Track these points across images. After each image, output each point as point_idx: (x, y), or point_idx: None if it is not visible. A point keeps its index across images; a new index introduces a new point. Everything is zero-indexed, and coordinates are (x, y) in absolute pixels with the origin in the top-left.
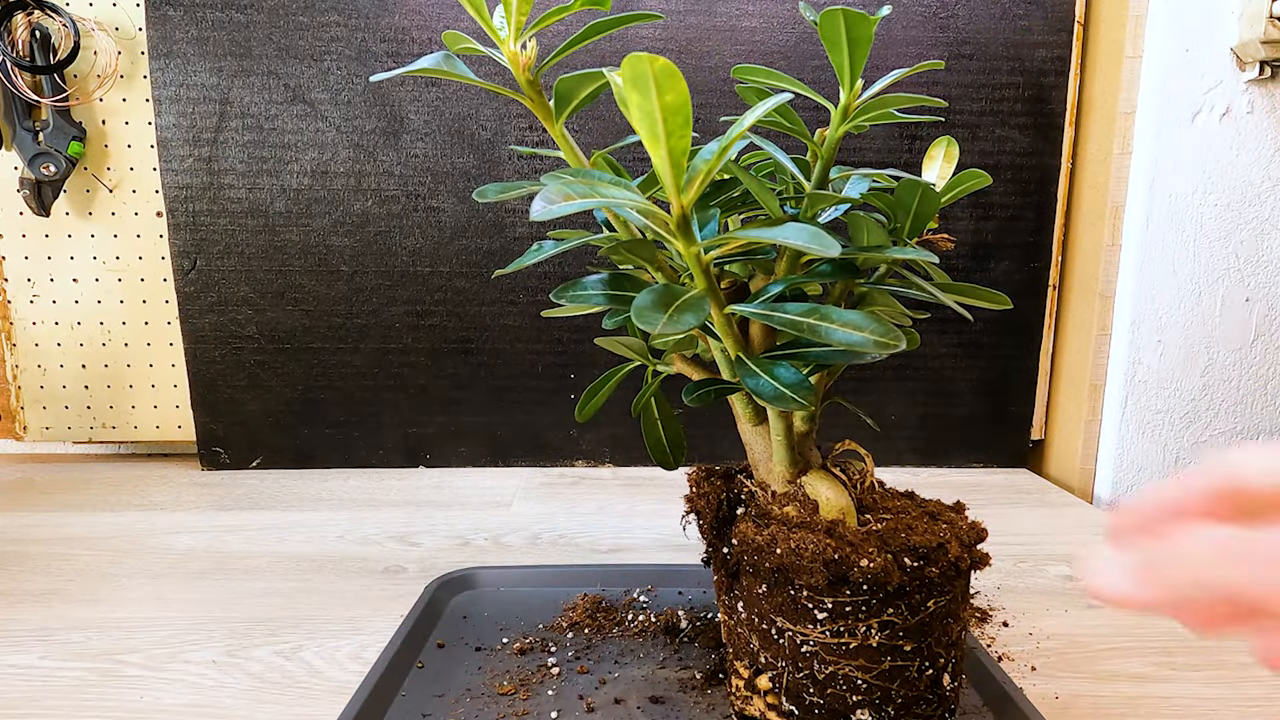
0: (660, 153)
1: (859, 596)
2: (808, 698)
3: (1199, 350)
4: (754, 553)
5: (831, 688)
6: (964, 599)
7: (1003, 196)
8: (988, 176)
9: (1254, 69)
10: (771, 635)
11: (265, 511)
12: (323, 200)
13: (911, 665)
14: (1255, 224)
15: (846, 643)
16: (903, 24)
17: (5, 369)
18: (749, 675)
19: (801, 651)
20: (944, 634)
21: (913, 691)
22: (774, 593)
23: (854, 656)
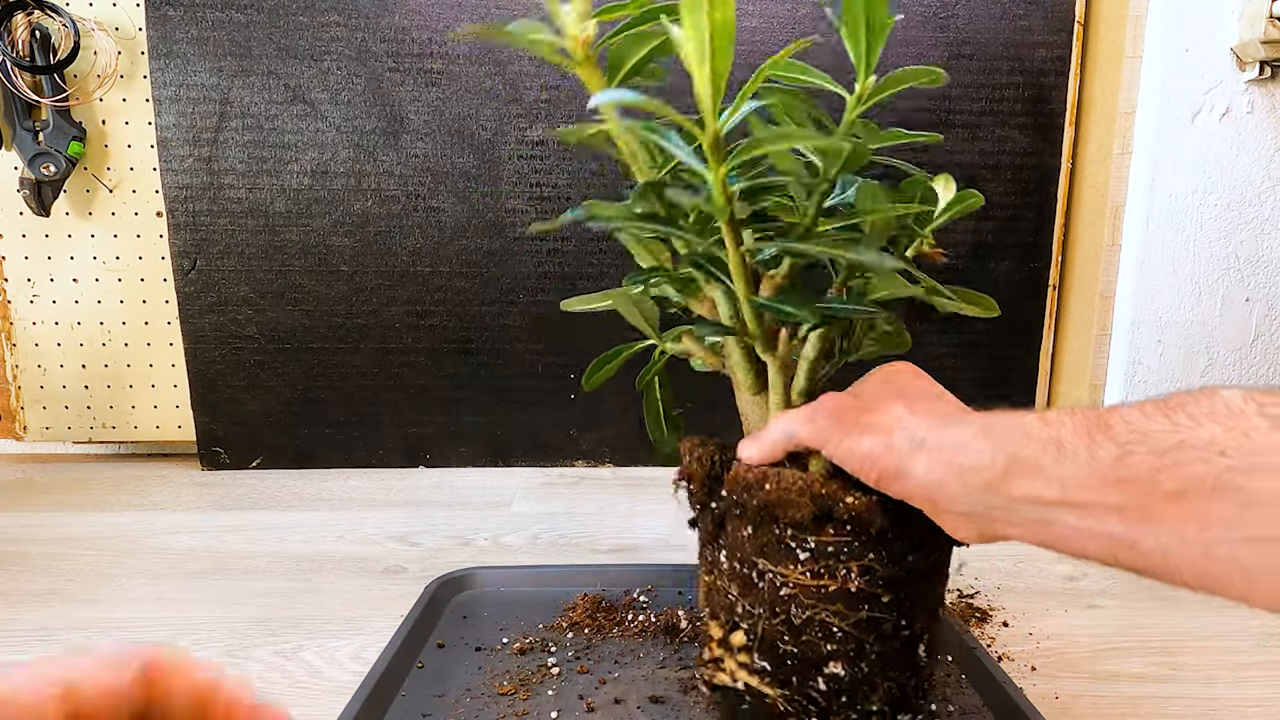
0: (704, 71)
1: (841, 536)
2: (782, 647)
3: (1199, 350)
4: (743, 490)
5: (807, 634)
6: (943, 572)
7: (1003, 196)
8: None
9: (1254, 69)
10: (752, 579)
11: (265, 511)
12: (323, 200)
13: (888, 619)
14: (1255, 224)
15: (826, 585)
16: (903, 24)
17: (5, 369)
18: (722, 634)
19: (780, 595)
20: (922, 598)
21: (888, 649)
22: (759, 533)
23: (832, 601)
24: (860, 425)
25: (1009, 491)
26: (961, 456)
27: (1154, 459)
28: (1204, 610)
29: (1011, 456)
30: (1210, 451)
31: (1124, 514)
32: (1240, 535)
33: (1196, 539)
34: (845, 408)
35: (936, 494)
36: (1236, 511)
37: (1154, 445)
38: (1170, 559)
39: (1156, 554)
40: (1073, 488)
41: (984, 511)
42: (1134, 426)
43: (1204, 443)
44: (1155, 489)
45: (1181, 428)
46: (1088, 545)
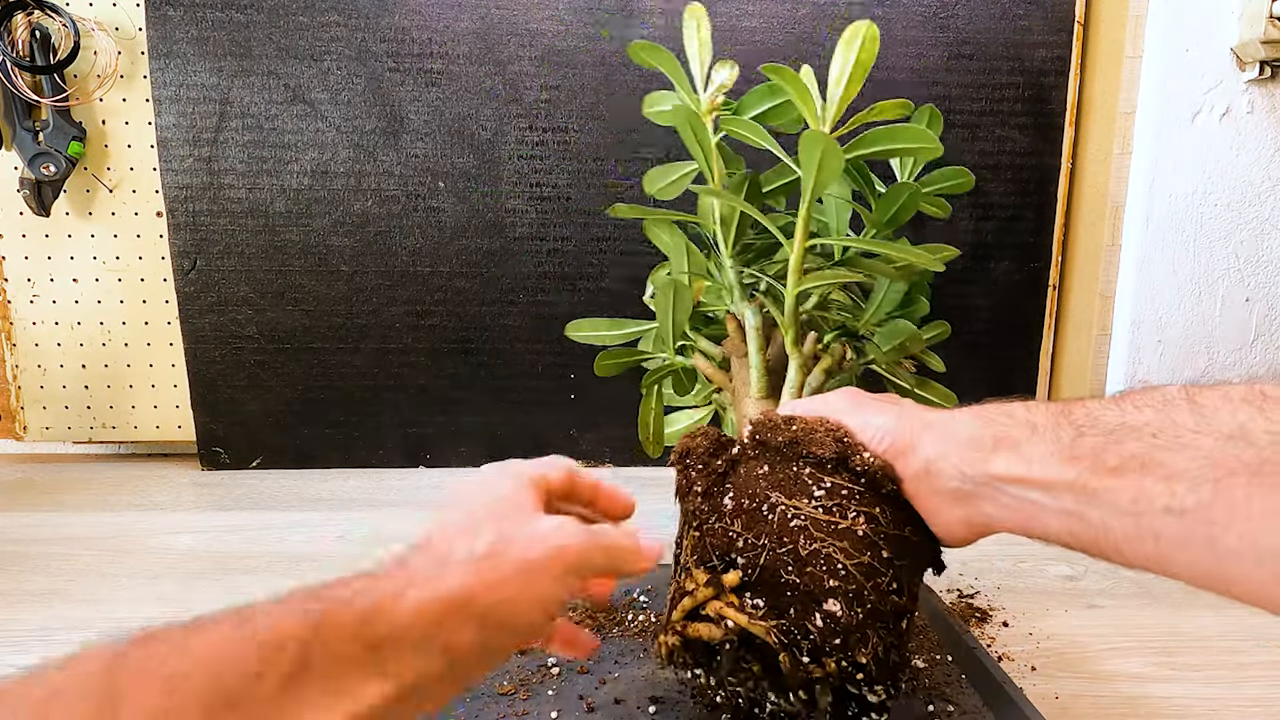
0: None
1: (856, 484)
2: (785, 575)
3: (1199, 350)
4: (770, 429)
5: (811, 566)
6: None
7: (1003, 196)
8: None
9: (1254, 69)
10: (761, 513)
11: (265, 511)
12: (323, 200)
13: (885, 576)
14: (1255, 224)
15: (836, 522)
16: (903, 24)
17: (5, 369)
18: (709, 577)
19: (790, 525)
20: (910, 579)
21: (882, 604)
22: (776, 469)
23: (840, 537)
24: (875, 406)
25: (992, 468)
26: (960, 432)
27: (1100, 439)
28: (1204, 610)
29: (996, 435)
30: (1144, 432)
31: (1074, 489)
32: (1160, 506)
33: (1129, 510)
34: (860, 396)
35: (939, 465)
36: (1160, 485)
37: (1102, 427)
38: (1110, 534)
39: (1099, 528)
40: (1037, 465)
41: (972, 489)
42: (1090, 413)
43: (1140, 424)
44: (1100, 465)
45: (1126, 412)
46: (1049, 523)
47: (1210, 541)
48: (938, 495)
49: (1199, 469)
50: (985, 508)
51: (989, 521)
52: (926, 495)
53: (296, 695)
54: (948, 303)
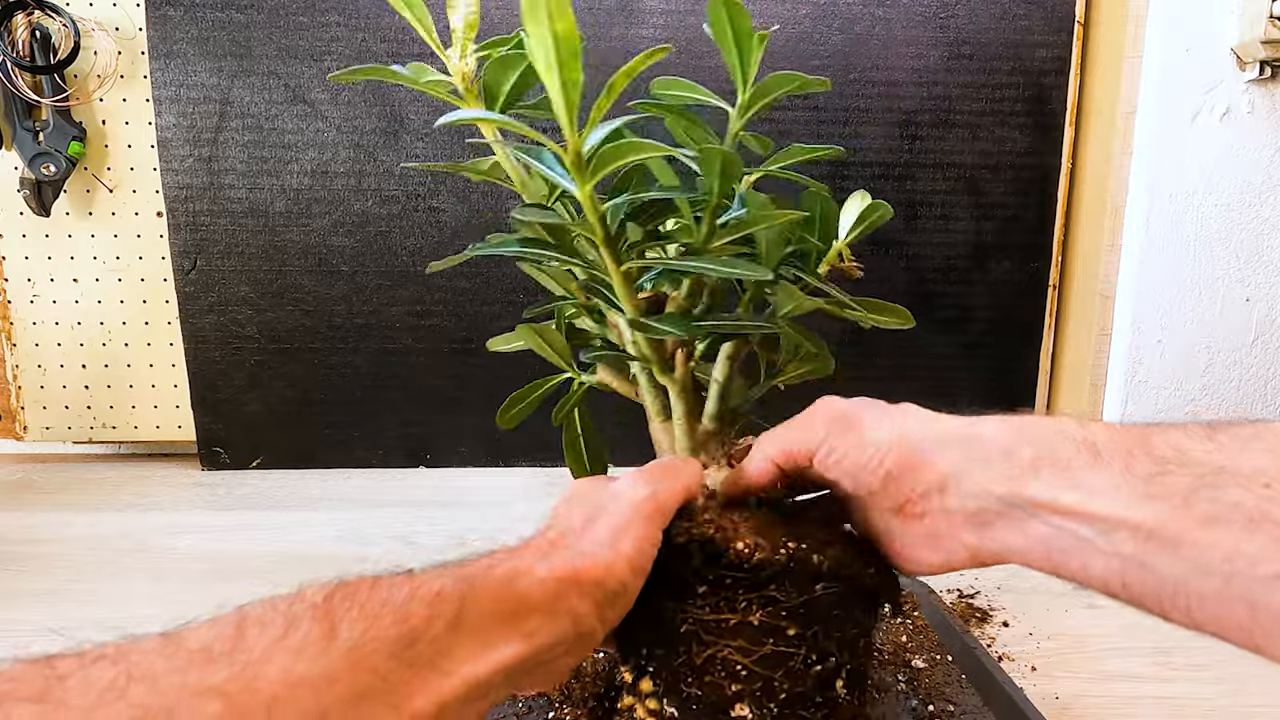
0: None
1: (738, 573)
2: (685, 689)
3: (1199, 350)
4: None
5: (710, 674)
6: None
7: (1003, 196)
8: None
9: (1254, 69)
10: (662, 618)
11: (265, 511)
12: (323, 200)
13: (797, 654)
14: (1255, 224)
15: (726, 619)
16: (903, 24)
17: (5, 369)
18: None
19: (681, 632)
20: (837, 627)
21: (799, 687)
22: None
23: (734, 635)
24: (872, 418)
25: (1028, 490)
26: (990, 445)
27: (1191, 480)
28: None
29: (1040, 452)
30: (1254, 481)
31: (1141, 534)
32: (1268, 572)
33: (1218, 570)
34: (853, 409)
35: (958, 482)
36: (1270, 546)
37: (1194, 466)
38: (1182, 589)
39: (1168, 582)
40: (1097, 498)
41: (996, 512)
42: (1175, 444)
43: (1248, 470)
44: (1186, 511)
45: (1225, 449)
46: (1093, 564)
47: None
48: (948, 516)
49: None
50: (1007, 536)
51: (1004, 552)
52: (936, 517)
53: (457, 642)
54: (948, 303)
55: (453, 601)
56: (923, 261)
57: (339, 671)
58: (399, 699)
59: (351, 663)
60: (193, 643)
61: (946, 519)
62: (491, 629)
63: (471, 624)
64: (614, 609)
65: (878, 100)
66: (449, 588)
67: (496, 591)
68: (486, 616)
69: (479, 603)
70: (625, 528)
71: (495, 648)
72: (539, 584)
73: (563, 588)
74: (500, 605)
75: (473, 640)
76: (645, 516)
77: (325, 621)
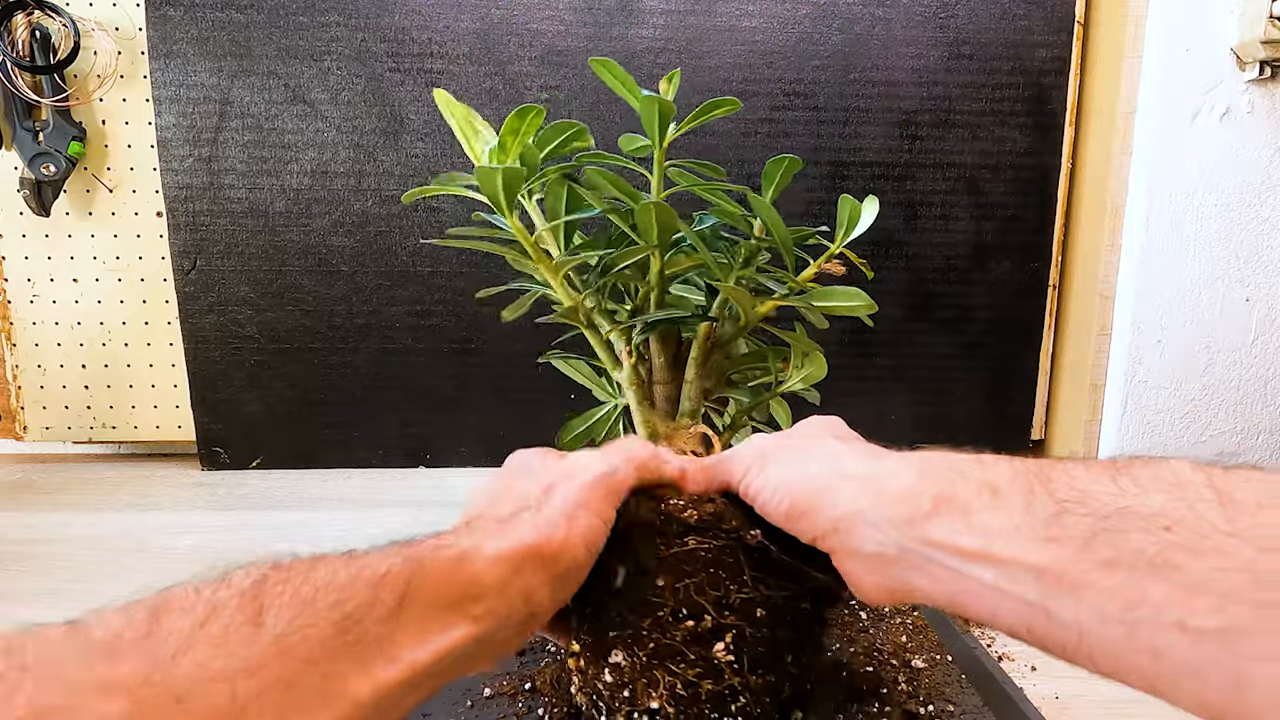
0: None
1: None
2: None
3: (1199, 350)
4: None
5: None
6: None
7: (1003, 196)
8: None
9: (1254, 69)
10: None
11: (265, 511)
12: (323, 200)
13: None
14: (1255, 224)
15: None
16: (903, 24)
17: (5, 369)
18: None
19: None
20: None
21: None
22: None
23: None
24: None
25: (928, 532)
26: (889, 485)
27: (1092, 522)
28: None
29: (940, 493)
30: (1154, 523)
31: (1045, 578)
32: (1171, 620)
33: (1120, 617)
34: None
35: (854, 524)
36: (1173, 594)
37: (1094, 507)
38: (1086, 637)
39: (1072, 629)
40: (997, 540)
41: (896, 554)
42: (1077, 484)
43: (1149, 512)
44: (1086, 555)
45: (1127, 493)
46: (999, 609)
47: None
48: (854, 558)
49: (1232, 583)
50: (912, 578)
51: (913, 592)
52: (841, 556)
53: (400, 625)
54: (948, 303)
55: (398, 584)
56: (923, 261)
57: (263, 661)
58: (333, 686)
59: (279, 650)
60: (100, 632)
61: (851, 559)
62: (439, 613)
63: (418, 608)
64: (565, 587)
65: (878, 100)
66: (395, 569)
67: (445, 573)
68: (434, 600)
69: (426, 585)
70: (583, 503)
71: (442, 632)
72: (490, 564)
73: (515, 566)
74: (449, 588)
75: (418, 624)
76: (602, 494)
77: (252, 607)
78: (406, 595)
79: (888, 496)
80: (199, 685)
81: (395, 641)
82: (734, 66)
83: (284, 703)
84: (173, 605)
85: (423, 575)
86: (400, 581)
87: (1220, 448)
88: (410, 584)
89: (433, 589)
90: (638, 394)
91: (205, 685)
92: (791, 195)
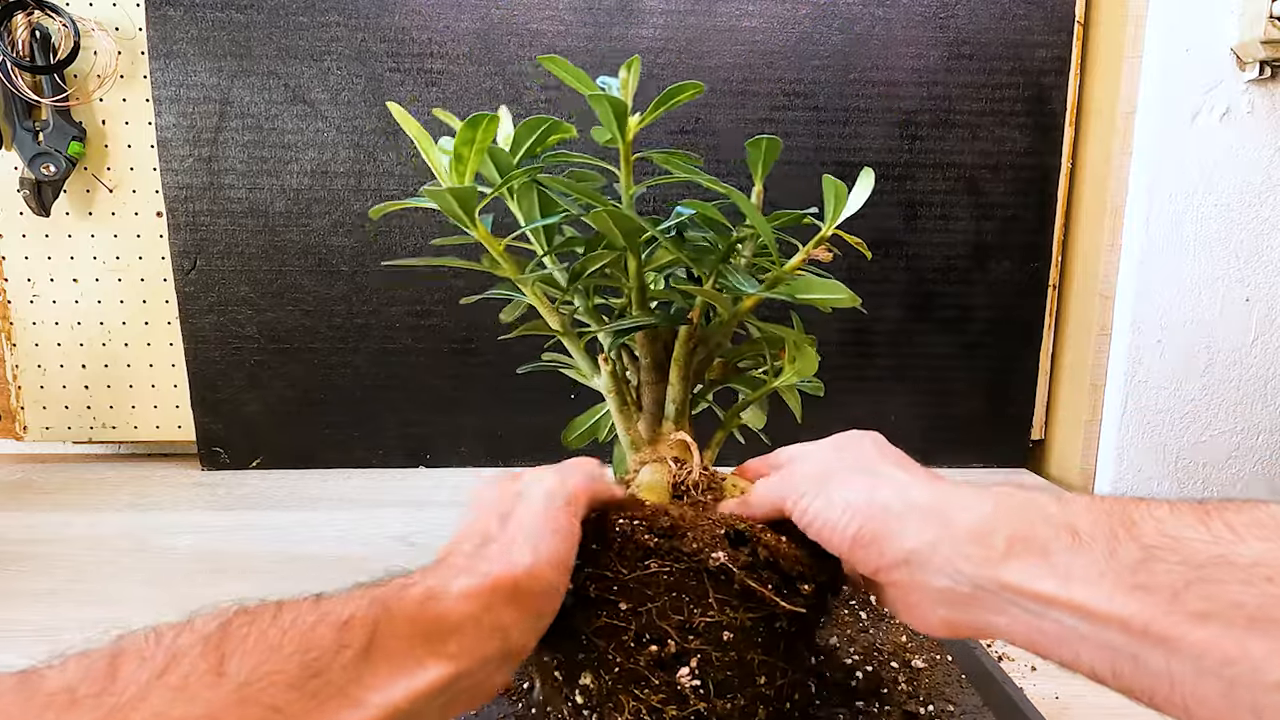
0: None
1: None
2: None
3: (1199, 350)
4: None
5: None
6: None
7: (1003, 196)
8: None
9: (1254, 69)
10: None
11: (265, 511)
12: (323, 200)
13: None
14: (1255, 224)
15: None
16: (903, 24)
17: (5, 369)
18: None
19: None
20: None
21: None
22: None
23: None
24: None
25: (1004, 575)
26: (961, 518)
27: (1185, 571)
28: None
29: (1016, 533)
30: (1255, 574)
31: (1132, 628)
32: (1274, 679)
33: (1217, 673)
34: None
35: (922, 560)
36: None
37: (1186, 555)
38: (1179, 687)
39: (1163, 678)
40: (1078, 586)
41: (969, 593)
42: (1164, 529)
43: (1248, 562)
44: (1177, 606)
45: (1221, 539)
46: (1081, 653)
47: None
48: (918, 590)
49: None
50: (986, 617)
51: (985, 628)
52: (907, 588)
53: (369, 670)
54: (948, 303)
55: (365, 627)
56: (923, 261)
57: (224, 709)
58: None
59: (241, 699)
60: (54, 684)
61: (917, 592)
62: (409, 654)
63: (386, 650)
64: (541, 614)
65: (878, 100)
66: (361, 612)
67: (412, 614)
68: (403, 641)
69: (394, 627)
70: (543, 523)
71: (414, 673)
72: (458, 601)
73: (484, 602)
74: (416, 628)
75: (388, 667)
76: (560, 507)
77: (214, 654)
78: (374, 638)
79: (960, 533)
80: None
81: (364, 684)
82: (734, 66)
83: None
84: (131, 653)
85: (389, 617)
86: (367, 624)
87: (1220, 448)
88: (378, 626)
89: (402, 629)
90: (616, 401)
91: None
92: (791, 195)
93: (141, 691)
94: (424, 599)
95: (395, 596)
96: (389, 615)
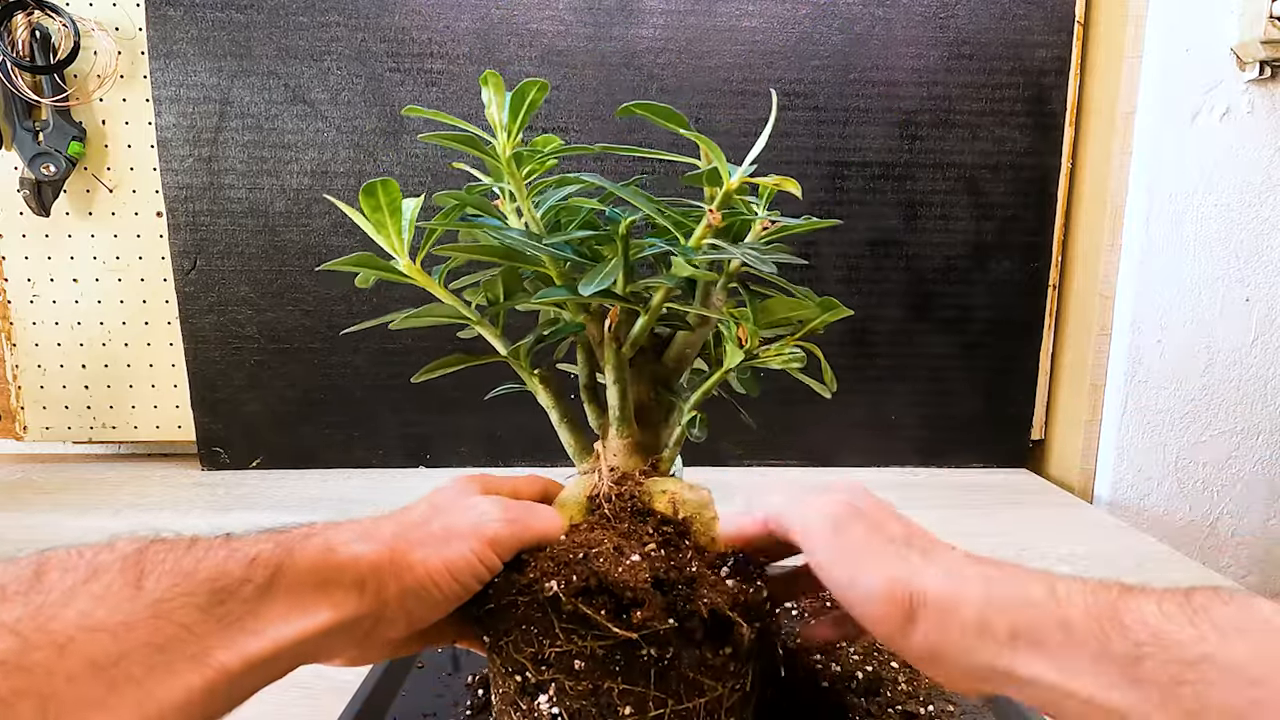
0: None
1: None
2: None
3: (1199, 350)
4: None
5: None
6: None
7: (1003, 196)
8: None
9: (1254, 69)
10: None
11: (265, 511)
12: (323, 200)
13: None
14: (1255, 224)
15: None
16: (903, 24)
17: (5, 369)
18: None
19: None
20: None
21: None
22: None
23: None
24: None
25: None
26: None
27: (1175, 669)
28: None
29: (1014, 625)
30: (1239, 679)
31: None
32: None
33: None
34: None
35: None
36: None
37: (1174, 654)
38: None
39: None
40: (1076, 680)
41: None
42: (1151, 626)
43: (1233, 665)
44: (1171, 704)
45: (1207, 639)
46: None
47: None
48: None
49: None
50: (1006, 688)
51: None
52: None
53: (269, 603)
54: (948, 303)
55: (269, 566)
56: (923, 261)
57: (141, 620)
58: (202, 652)
59: (156, 613)
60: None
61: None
62: (304, 595)
63: (285, 588)
64: (420, 606)
65: (878, 100)
66: (266, 553)
67: (313, 560)
68: (300, 583)
69: (295, 569)
70: (461, 537)
71: (306, 613)
72: (353, 559)
73: (375, 567)
74: (314, 574)
75: (285, 604)
76: (485, 539)
77: (133, 571)
78: (276, 575)
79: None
80: (81, 633)
81: (262, 617)
82: (734, 66)
83: (155, 662)
84: (55, 563)
85: (292, 559)
86: (271, 563)
87: (1220, 448)
88: (280, 566)
89: (301, 572)
90: (555, 415)
91: (87, 634)
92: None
93: (66, 595)
94: (324, 549)
95: (299, 542)
96: (291, 558)
